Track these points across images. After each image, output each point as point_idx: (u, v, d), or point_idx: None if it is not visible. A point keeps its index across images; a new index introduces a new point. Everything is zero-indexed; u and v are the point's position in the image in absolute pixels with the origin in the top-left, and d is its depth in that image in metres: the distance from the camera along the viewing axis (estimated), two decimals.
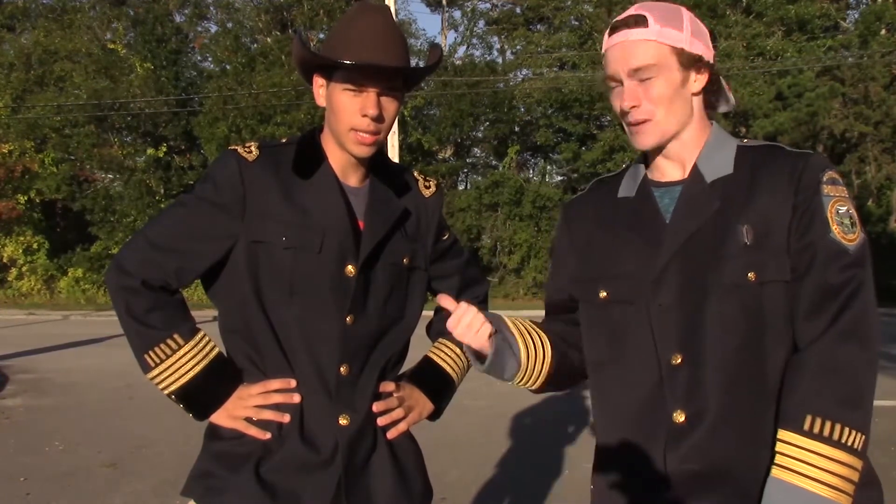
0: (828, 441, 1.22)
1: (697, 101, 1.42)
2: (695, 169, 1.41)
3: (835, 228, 1.30)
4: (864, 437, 1.23)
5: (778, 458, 1.25)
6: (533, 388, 1.53)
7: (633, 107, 1.36)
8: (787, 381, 1.29)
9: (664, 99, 1.36)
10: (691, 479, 1.32)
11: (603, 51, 1.42)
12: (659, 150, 1.43)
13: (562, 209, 1.63)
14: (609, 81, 1.41)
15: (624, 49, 1.37)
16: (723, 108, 1.49)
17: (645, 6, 1.39)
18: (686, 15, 1.41)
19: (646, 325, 1.38)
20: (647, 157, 1.50)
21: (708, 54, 1.41)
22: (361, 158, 1.57)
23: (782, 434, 1.26)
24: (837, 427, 1.22)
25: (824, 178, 1.33)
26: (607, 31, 1.42)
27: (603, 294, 1.44)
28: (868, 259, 1.32)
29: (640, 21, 1.36)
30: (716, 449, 1.32)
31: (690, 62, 1.38)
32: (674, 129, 1.40)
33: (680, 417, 1.33)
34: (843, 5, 20.86)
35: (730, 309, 1.32)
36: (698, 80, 1.41)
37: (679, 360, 1.34)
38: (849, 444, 1.22)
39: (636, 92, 1.36)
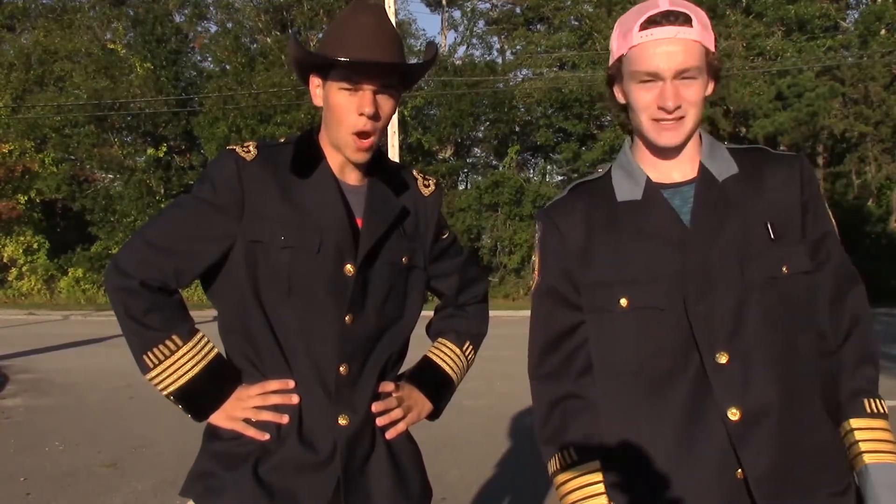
0: (881, 416, 1.39)
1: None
2: (703, 169, 1.42)
3: (832, 222, 1.44)
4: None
5: (863, 446, 1.37)
6: None
7: (678, 107, 1.35)
8: (839, 372, 1.40)
9: (698, 101, 1.36)
10: (772, 471, 1.33)
11: (635, 42, 1.35)
12: (673, 150, 1.42)
13: (542, 215, 1.52)
14: (644, 75, 1.35)
15: (673, 46, 1.33)
16: None
17: (679, 4, 1.36)
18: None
19: (680, 328, 1.35)
20: (632, 160, 1.47)
21: None
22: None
23: (854, 423, 1.38)
24: (879, 402, 1.40)
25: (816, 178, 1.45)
26: (640, 23, 1.34)
27: (623, 302, 1.39)
28: None
29: (686, 20, 1.33)
30: (781, 439, 1.34)
31: (715, 68, 1.39)
32: (695, 131, 1.41)
33: (735, 416, 1.33)
34: (843, 5, 20.83)
35: (770, 302, 1.35)
36: (710, 86, 1.42)
37: (725, 359, 1.34)
38: (886, 414, 1.40)
39: (679, 91, 1.34)
